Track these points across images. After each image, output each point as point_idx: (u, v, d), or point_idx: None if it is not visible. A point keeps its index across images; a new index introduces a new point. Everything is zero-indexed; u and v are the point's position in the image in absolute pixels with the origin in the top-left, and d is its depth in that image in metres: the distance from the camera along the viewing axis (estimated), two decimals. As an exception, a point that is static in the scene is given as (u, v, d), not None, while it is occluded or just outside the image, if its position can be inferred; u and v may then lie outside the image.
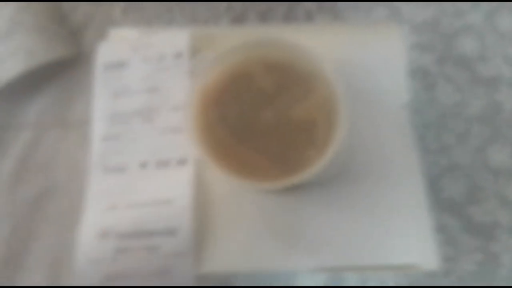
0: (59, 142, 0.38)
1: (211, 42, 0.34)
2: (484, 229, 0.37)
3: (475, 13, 0.43)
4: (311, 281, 0.35)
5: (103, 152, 0.32)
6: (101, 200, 0.31)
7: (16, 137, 0.38)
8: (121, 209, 0.31)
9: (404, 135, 0.33)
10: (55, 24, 0.42)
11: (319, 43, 0.32)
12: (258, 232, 0.30)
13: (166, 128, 0.32)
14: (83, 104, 0.39)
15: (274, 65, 0.30)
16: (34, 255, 0.35)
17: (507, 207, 0.37)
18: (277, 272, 0.33)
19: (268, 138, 0.29)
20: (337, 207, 0.31)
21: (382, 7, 0.43)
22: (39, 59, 0.38)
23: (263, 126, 0.29)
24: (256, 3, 0.43)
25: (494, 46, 0.42)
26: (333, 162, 0.28)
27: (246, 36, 0.31)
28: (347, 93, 0.29)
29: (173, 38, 0.34)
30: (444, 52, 0.42)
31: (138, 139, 0.32)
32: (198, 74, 0.30)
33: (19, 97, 0.39)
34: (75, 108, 0.39)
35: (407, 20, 0.43)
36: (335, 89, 0.29)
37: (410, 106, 0.33)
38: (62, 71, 0.40)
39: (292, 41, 0.30)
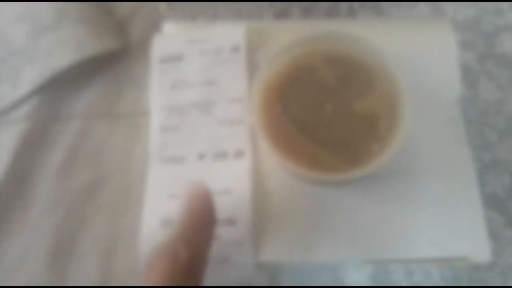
0: (108, 133, 0.38)
1: (265, 36, 0.34)
2: (527, 224, 0.37)
3: (515, 12, 0.43)
4: (358, 272, 0.36)
5: (162, 143, 0.32)
6: (161, 189, 0.31)
7: (65, 127, 0.38)
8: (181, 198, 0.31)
9: (457, 129, 0.33)
10: (102, 16, 0.42)
11: (370, 38, 0.32)
12: (312, 223, 0.31)
13: (223, 120, 0.32)
14: (131, 96, 0.39)
15: (336, 58, 0.30)
16: (86, 243, 0.35)
17: (549, 202, 0.37)
18: (330, 262, 0.33)
19: (331, 131, 0.29)
20: (390, 200, 0.31)
21: (424, 5, 0.43)
22: (88, 51, 0.38)
23: (325, 119, 0.29)
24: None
25: (534, 45, 0.42)
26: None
27: (299, 31, 0.31)
28: (409, 87, 0.29)
29: (229, 32, 0.34)
30: (485, 50, 0.42)
31: (196, 131, 0.32)
32: (262, 67, 0.30)
33: (68, 88, 0.39)
34: (123, 100, 0.39)
35: (449, 18, 0.43)
36: (398, 82, 0.29)
37: (462, 101, 0.34)
38: (110, 63, 0.40)
39: (355, 34, 0.30)
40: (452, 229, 0.30)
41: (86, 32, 0.39)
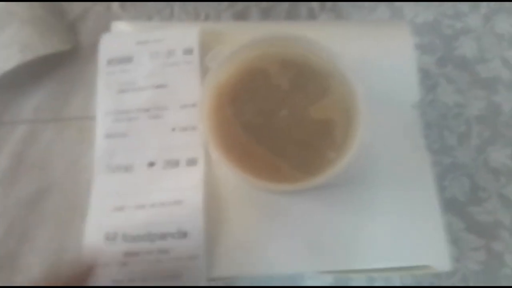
0: (56, 138, 0.35)
1: (221, 39, 0.32)
2: (486, 228, 0.36)
3: (474, 15, 0.42)
4: (318, 281, 0.34)
5: (108, 150, 0.30)
6: (107, 200, 0.29)
7: (10, 132, 0.35)
8: (129, 210, 0.28)
9: (416, 135, 0.32)
10: (51, 15, 0.39)
11: (325, 41, 0.30)
12: (268, 234, 0.28)
13: (175, 126, 0.30)
14: (80, 98, 0.36)
15: (290, 61, 0.28)
16: (30, 256, 0.32)
17: (508, 206, 0.36)
18: (289, 274, 0.31)
19: (286, 137, 0.27)
20: (348, 209, 0.29)
21: (384, 8, 0.42)
22: (35, 52, 0.35)
23: (280, 125, 0.27)
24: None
25: (492, 48, 0.41)
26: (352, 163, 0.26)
27: (255, 32, 0.29)
28: (366, 92, 0.27)
29: (182, 34, 0.31)
30: (445, 54, 0.41)
31: (145, 137, 0.30)
32: (212, 70, 0.27)
33: (14, 91, 0.36)
34: (72, 103, 0.36)
35: (408, 21, 0.41)
36: (354, 87, 0.27)
37: (422, 104, 0.32)
38: (58, 65, 0.37)
39: (309, 38, 0.28)
40: (412, 237, 0.29)
41: (32, 32, 0.36)
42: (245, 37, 0.29)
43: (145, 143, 0.30)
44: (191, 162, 0.29)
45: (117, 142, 0.30)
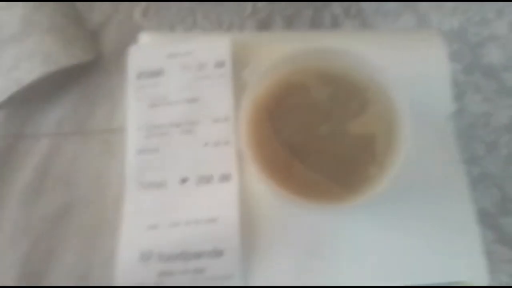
0: (80, 151, 0.34)
1: (252, 50, 0.31)
2: (517, 240, 0.35)
3: (500, 22, 0.41)
4: None
5: (140, 166, 0.29)
6: (140, 219, 0.28)
7: (33, 146, 0.34)
8: (162, 228, 0.27)
9: (450, 147, 0.31)
10: (72, 24, 0.38)
11: (355, 46, 0.30)
12: (305, 251, 0.28)
13: (208, 141, 0.29)
14: (104, 110, 0.35)
15: (329, 75, 0.27)
16: (56, 274, 0.31)
17: (539, 218, 0.36)
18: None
19: (326, 154, 0.26)
20: (385, 225, 0.29)
21: (409, 15, 0.41)
22: (57, 63, 0.34)
23: (320, 141, 0.26)
24: (281, 8, 0.40)
25: (519, 56, 0.40)
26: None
27: (284, 43, 0.28)
28: (407, 106, 0.26)
29: (214, 46, 0.31)
30: (472, 61, 0.40)
31: (178, 153, 0.29)
32: (250, 84, 0.26)
33: (36, 103, 0.35)
34: (96, 115, 0.35)
35: (435, 28, 0.40)
36: (395, 101, 0.26)
37: (455, 117, 0.31)
38: (80, 76, 0.36)
39: (348, 50, 0.27)
40: (450, 253, 0.29)
41: (54, 42, 0.35)
42: (273, 48, 0.29)
43: (177, 158, 0.29)
44: (225, 178, 0.28)
45: (149, 158, 0.29)
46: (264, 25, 0.40)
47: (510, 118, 0.39)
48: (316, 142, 0.26)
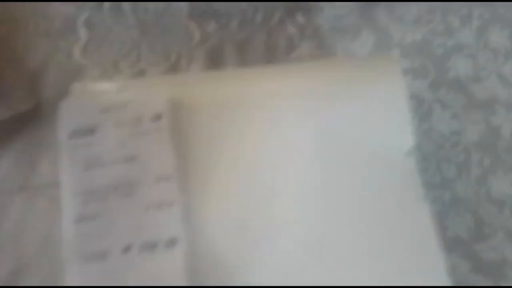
0: (26, 209, 0.32)
1: (194, 94, 0.28)
2: (493, 267, 0.33)
3: (466, 30, 0.39)
4: None
5: (78, 236, 0.27)
6: (82, 295, 0.26)
7: (-27, 209, 0.32)
8: (106, 305, 0.25)
9: (413, 184, 0.29)
10: (8, 70, 0.35)
11: (309, 82, 0.28)
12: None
13: (150, 204, 0.27)
14: (48, 162, 0.33)
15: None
16: None
17: (514, 241, 0.34)
18: None
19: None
20: (346, 261, 0.27)
21: (369, 31, 0.38)
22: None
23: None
24: (232, 33, 0.37)
25: (488, 65, 0.38)
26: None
27: (231, 82, 0.26)
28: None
29: (149, 97, 0.28)
30: (437, 76, 0.37)
31: (118, 219, 0.27)
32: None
33: (-28, 161, 0.32)
34: (40, 169, 0.33)
35: (396, 43, 0.38)
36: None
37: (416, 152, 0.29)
38: (20, 127, 0.34)
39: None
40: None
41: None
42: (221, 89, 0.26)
43: (118, 225, 0.27)
44: (171, 242, 0.26)
45: (88, 226, 0.27)
46: (215, 54, 0.37)
47: (480, 134, 0.36)
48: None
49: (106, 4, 0.37)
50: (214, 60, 0.37)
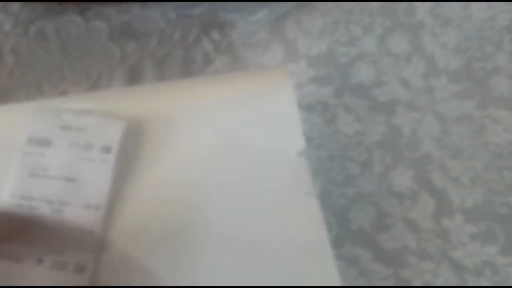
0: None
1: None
2: (394, 256, 0.36)
3: (369, 38, 0.42)
4: None
5: None
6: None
7: None
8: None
9: (304, 183, 0.31)
10: None
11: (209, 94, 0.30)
12: None
13: (73, 226, 0.29)
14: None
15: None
16: None
17: (413, 230, 0.37)
18: None
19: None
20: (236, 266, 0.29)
21: (279, 44, 0.41)
22: None
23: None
24: (151, 51, 0.40)
25: (389, 70, 0.41)
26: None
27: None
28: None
29: (105, 127, 0.30)
30: (341, 83, 0.40)
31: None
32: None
33: None
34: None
35: (303, 54, 0.41)
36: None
37: (306, 153, 0.32)
38: None
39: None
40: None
41: None
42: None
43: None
44: (79, 268, 0.28)
45: (15, 228, 0.29)
46: (134, 72, 0.40)
47: (382, 135, 0.39)
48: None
49: (32, 30, 0.40)
50: (134, 77, 0.39)
